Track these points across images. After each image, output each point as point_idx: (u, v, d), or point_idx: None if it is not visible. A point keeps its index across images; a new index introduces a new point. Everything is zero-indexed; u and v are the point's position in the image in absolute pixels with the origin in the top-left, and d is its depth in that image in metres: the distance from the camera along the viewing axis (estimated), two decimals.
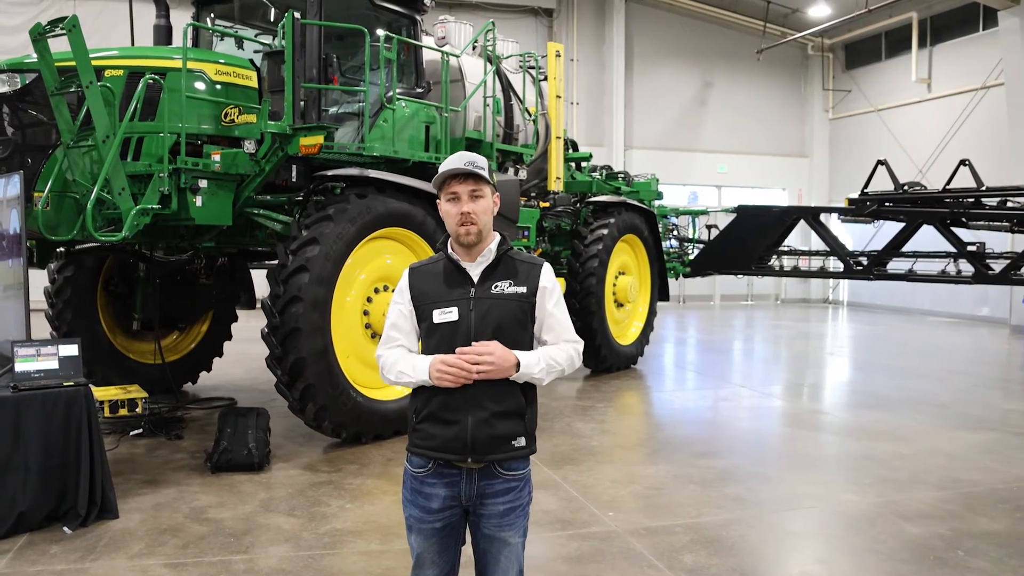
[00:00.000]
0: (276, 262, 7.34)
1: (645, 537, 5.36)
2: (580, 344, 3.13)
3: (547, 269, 3.07)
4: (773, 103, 26.30)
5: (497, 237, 3.05)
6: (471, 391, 2.87)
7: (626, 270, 12.21)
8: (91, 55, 6.39)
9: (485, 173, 2.95)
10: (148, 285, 9.12)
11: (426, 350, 3.01)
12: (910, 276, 12.13)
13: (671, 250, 15.90)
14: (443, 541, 3.02)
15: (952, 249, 11.66)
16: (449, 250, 3.04)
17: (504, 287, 2.97)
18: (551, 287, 3.05)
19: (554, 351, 3.01)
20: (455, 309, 2.94)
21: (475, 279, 2.98)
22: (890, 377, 12.04)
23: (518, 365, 2.88)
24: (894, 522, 5.70)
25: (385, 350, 3.07)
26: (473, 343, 2.88)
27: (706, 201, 24.20)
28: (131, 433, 7.76)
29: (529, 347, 3.00)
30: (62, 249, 8.56)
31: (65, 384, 5.50)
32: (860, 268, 12.46)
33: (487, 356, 2.84)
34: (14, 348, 5.52)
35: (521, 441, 2.97)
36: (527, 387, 3.00)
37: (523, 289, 2.98)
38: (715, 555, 5.09)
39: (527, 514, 3.07)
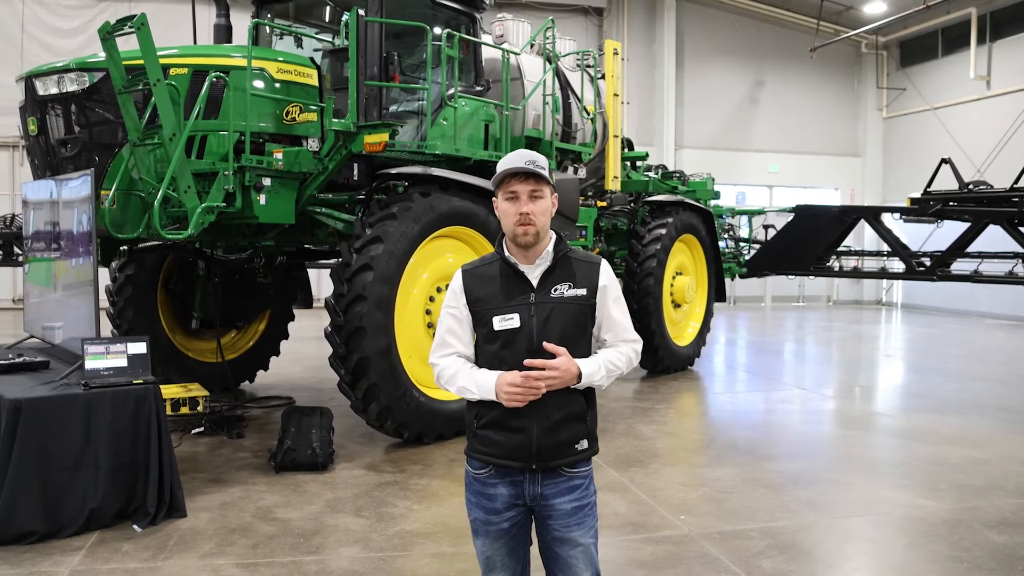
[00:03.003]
0: (334, 261, 7.31)
1: (720, 542, 5.23)
2: (639, 343, 3.08)
3: (605, 267, 3.01)
4: (826, 102, 25.82)
5: (554, 237, 2.98)
6: (536, 399, 2.81)
7: (683, 270, 12.03)
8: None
9: (546, 173, 2.88)
10: (208, 284, 9.16)
11: (484, 356, 2.94)
12: (975, 277, 11.75)
13: (726, 250, 15.65)
14: (511, 542, 2.96)
15: (1020, 249, 11.31)
16: (505, 251, 2.96)
17: (564, 290, 2.91)
18: (610, 285, 2.99)
19: (613, 354, 2.96)
20: (516, 316, 2.87)
21: (534, 283, 2.91)
22: (950, 380, 11.73)
23: (580, 376, 2.83)
24: (976, 529, 5.50)
25: (440, 358, 3.00)
26: (544, 344, 2.82)
27: (756, 201, 23.85)
28: (193, 431, 7.80)
29: (588, 349, 2.95)
30: (125, 247, 8.62)
31: (134, 382, 5.50)
32: (923, 269, 12.15)
33: (552, 373, 2.78)
34: (84, 345, 5.54)
35: (584, 444, 2.94)
36: (588, 389, 2.95)
37: (583, 291, 2.92)
38: (793, 560, 4.96)
39: (595, 514, 3.00)
